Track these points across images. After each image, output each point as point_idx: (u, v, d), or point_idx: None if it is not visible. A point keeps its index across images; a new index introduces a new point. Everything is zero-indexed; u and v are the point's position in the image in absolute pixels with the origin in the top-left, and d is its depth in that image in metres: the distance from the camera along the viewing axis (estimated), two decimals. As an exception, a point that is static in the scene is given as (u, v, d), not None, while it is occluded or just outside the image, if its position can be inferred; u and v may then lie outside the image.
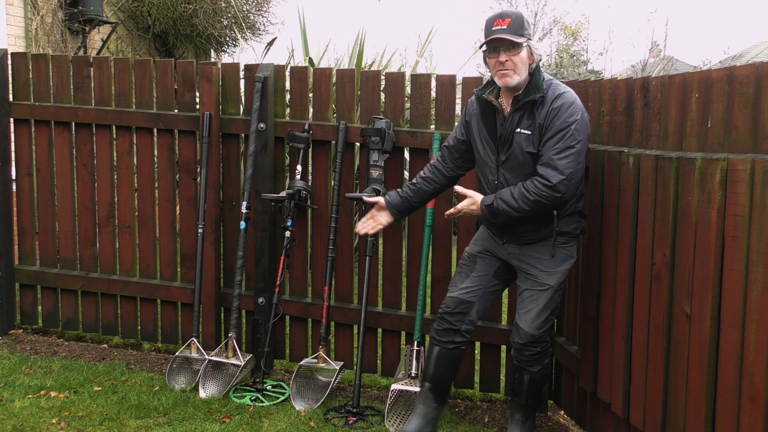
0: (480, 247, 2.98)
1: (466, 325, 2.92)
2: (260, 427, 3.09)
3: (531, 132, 2.66)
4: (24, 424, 3.00)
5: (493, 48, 2.68)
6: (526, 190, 2.64)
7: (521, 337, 2.82)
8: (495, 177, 2.79)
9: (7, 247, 4.13)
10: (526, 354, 2.84)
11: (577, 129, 2.60)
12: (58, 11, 6.79)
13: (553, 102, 2.64)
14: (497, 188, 2.78)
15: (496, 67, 2.69)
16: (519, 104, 2.69)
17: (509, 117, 2.72)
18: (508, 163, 2.74)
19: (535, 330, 2.79)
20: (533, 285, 2.80)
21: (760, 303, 1.93)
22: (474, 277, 2.94)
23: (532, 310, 2.79)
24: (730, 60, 14.53)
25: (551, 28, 21.46)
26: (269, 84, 3.60)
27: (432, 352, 2.98)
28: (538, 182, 2.62)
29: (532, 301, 2.79)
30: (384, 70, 5.53)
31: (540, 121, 2.65)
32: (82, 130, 4.01)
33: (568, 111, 2.62)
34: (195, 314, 3.65)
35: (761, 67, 1.99)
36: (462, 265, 3.01)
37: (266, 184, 3.63)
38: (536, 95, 2.65)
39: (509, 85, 2.68)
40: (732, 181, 2.04)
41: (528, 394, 2.94)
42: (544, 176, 2.61)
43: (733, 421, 2.03)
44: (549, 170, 2.61)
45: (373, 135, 3.39)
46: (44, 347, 4.03)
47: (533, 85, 2.68)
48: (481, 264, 2.95)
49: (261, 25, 9.30)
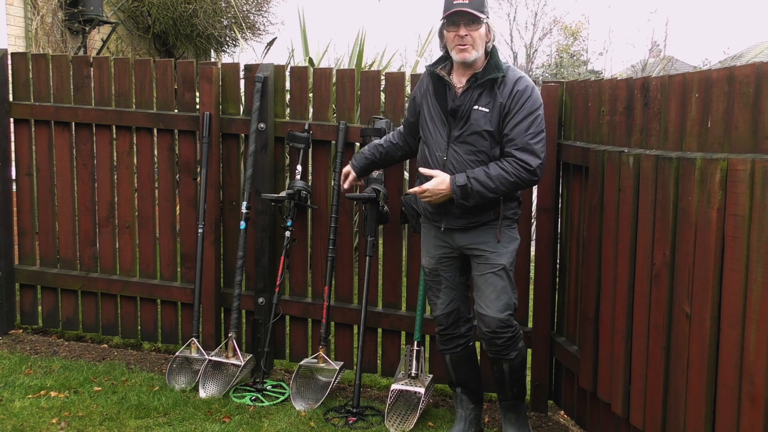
0: (434, 258, 2.96)
1: (463, 327, 3.02)
2: (260, 427, 3.09)
3: (489, 110, 2.69)
4: (24, 424, 3.00)
5: (452, 21, 2.67)
6: (505, 171, 2.65)
7: (488, 325, 2.80)
8: (443, 153, 2.77)
9: (7, 247, 4.13)
10: (499, 342, 2.82)
11: (542, 114, 2.72)
12: (58, 11, 6.79)
13: (517, 84, 2.68)
14: (445, 165, 2.76)
15: (454, 41, 2.68)
16: (479, 81, 2.69)
17: (467, 93, 2.72)
18: (461, 139, 2.73)
19: (498, 313, 2.78)
20: (485, 268, 2.79)
21: (760, 303, 1.93)
22: (445, 290, 2.97)
23: (490, 294, 2.79)
24: (730, 60, 14.52)
25: (551, 28, 21.46)
26: (269, 84, 3.60)
27: (445, 360, 3.08)
28: (518, 165, 2.65)
29: (488, 285, 2.79)
30: (384, 70, 5.53)
31: (502, 100, 2.67)
32: (82, 130, 4.01)
33: (533, 95, 2.70)
34: (195, 314, 3.65)
35: (761, 67, 1.99)
36: (428, 282, 3.03)
37: (266, 184, 3.63)
38: (497, 74, 2.68)
39: (467, 60, 2.68)
40: (732, 181, 2.03)
41: (512, 383, 2.93)
42: (524, 160, 2.65)
43: (733, 421, 2.03)
44: (527, 155, 2.66)
45: (373, 135, 3.39)
46: (44, 347, 4.03)
47: (493, 64, 2.71)
48: (444, 274, 2.95)
49: (261, 25, 9.29)
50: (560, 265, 3.38)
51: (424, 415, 3.27)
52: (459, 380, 3.07)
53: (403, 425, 3.15)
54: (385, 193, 3.39)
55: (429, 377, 3.40)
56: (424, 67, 2.90)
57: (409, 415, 3.23)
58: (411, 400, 3.31)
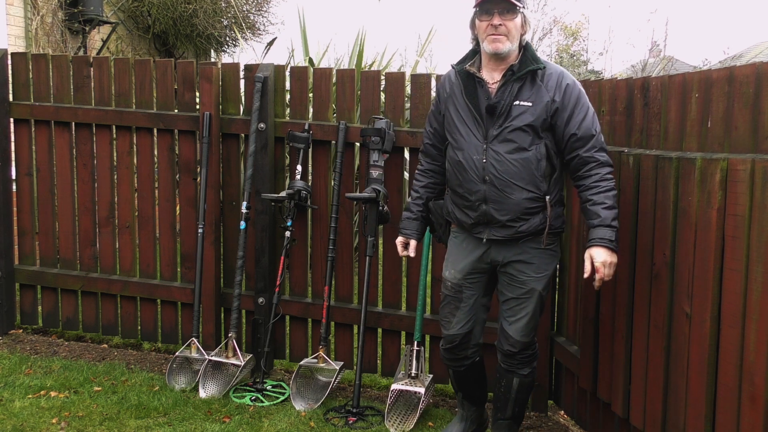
0: (460, 273, 2.73)
1: (471, 349, 2.84)
2: (260, 427, 3.09)
3: (532, 104, 2.51)
4: (24, 424, 3.00)
5: (485, 10, 2.50)
6: (609, 188, 2.47)
7: (513, 346, 2.69)
8: (482, 156, 2.56)
9: (7, 247, 4.13)
10: (518, 357, 2.72)
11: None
12: (58, 11, 6.79)
13: (563, 78, 2.54)
14: (485, 168, 2.55)
15: (487, 31, 2.50)
16: (517, 75, 2.52)
17: (505, 87, 2.54)
18: (501, 137, 2.53)
19: (525, 338, 2.68)
20: (521, 293, 2.64)
21: (760, 303, 1.93)
22: (464, 309, 2.75)
23: (522, 319, 2.65)
24: (730, 60, 14.52)
25: (551, 28, 21.42)
26: (269, 84, 3.60)
27: (449, 372, 2.97)
28: (604, 168, 2.50)
29: (522, 309, 2.65)
30: (384, 70, 5.53)
31: (550, 94, 2.51)
32: (82, 130, 4.01)
33: (581, 88, 2.57)
34: (195, 314, 3.65)
35: (761, 67, 1.99)
36: (447, 297, 2.78)
37: (266, 184, 3.63)
38: (538, 66, 2.52)
39: (500, 51, 2.50)
40: (732, 181, 2.04)
41: (515, 402, 2.78)
42: (607, 160, 2.52)
43: (733, 421, 2.03)
44: (604, 153, 2.53)
45: (373, 135, 3.39)
46: (44, 347, 4.03)
47: (529, 56, 2.54)
48: (468, 291, 2.74)
49: (261, 25, 9.29)
50: (560, 265, 3.38)
51: (424, 415, 3.27)
52: (463, 391, 2.97)
53: (403, 425, 3.15)
54: (385, 193, 3.39)
55: (429, 377, 3.40)
56: (451, 66, 2.70)
57: (409, 415, 3.23)
58: (411, 400, 3.31)
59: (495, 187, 2.55)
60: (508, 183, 2.54)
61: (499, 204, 2.56)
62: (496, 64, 2.58)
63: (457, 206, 2.71)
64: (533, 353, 2.78)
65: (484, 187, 2.57)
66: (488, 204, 2.58)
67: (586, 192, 2.52)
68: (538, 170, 2.54)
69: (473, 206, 2.62)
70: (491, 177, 2.55)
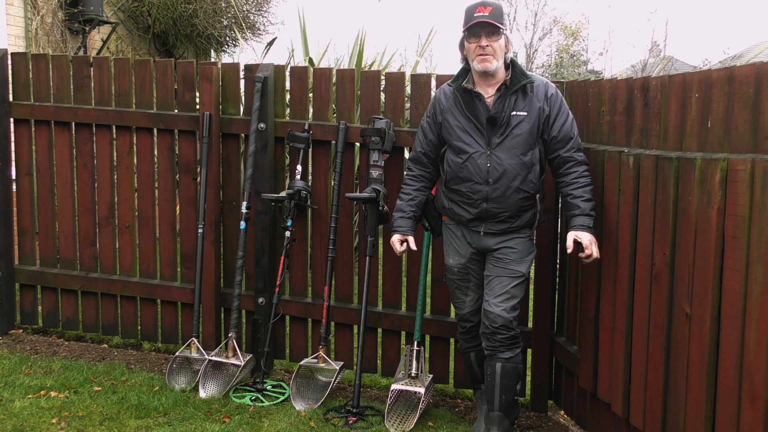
0: (465, 257, 3.00)
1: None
2: (260, 427, 3.09)
3: (527, 113, 2.83)
4: (24, 424, 3.00)
5: (473, 33, 2.81)
6: (586, 183, 2.80)
7: (493, 321, 2.84)
8: (486, 161, 2.84)
9: (7, 247, 4.13)
10: (498, 338, 2.85)
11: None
12: (58, 11, 6.79)
13: (548, 88, 2.88)
14: (489, 172, 2.83)
15: (476, 52, 2.82)
16: (513, 88, 2.84)
17: (502, 100, 2.84)
18: (504, 145, 2.83)
19: (506, 313, 2.84)
20: (505, 273, 2.88)
21: (760, 303, 1.93)
22: (474, 287, 3.03)
23: (502, 295, 2.87)
24: (730, 60, 14.53)
25: (551, 28, 21.43)
26: (269, 84, 3.61)
27: (470, 359, 3.14)
28: (581, 167, 2.82)
29: (503, 287, 2.87)
30: (384, 70, 5.53)
31: (539, 104, 2.84)
32: (82, 130, 4.01)
33: (562, 97, 2.91)
34: (195, 314, 3.65)
35: (761, 67, 1.99)
36: (456, 281, 3.06)
37: (266, 184, 3.63)
38: (527, 80, 2.84)
39: (488, 69, 2.81)
40: (732, 181, 2.04)
41: (501, 390, 2.85)
42: (584, 159, 2.85)
43: (733, 421, 2.03)
44: (582, 152, 2.86)
45: (373, 135, 3.39)
46: (44, 347, 4.03)
47: (519, 72, 2.87)
48: (473, 271, 3.01)
49: (261, 25, 9.28)
50: (560, 265, 3.39)
51: (424, 415, 3.27)
52: (483, 378, 3.06)
53: (403, 425, 3.15)
54: (385, 193, 3.39)
55: (429, 377, 3.40)
56: (448, 85, 2.98)
57: (409, 415, 3.23)
58: (411, 400, 3.31)
59: (496, 188, 2.84)
60: (508, 185, 2.83)
61: (499, 202, 2.86)
62: (487, 81, 2.88)
63: (456, 203, 2.97)
64: (514, 336, 2.87)
65: (486, 188, 2.85)
66: (489, 203, 2.86)
67: (567, 187, 2.85)
68: (533, 173, 2.86)
69: (474, 204, 2.89)
70: (494, 179, 2.84)
